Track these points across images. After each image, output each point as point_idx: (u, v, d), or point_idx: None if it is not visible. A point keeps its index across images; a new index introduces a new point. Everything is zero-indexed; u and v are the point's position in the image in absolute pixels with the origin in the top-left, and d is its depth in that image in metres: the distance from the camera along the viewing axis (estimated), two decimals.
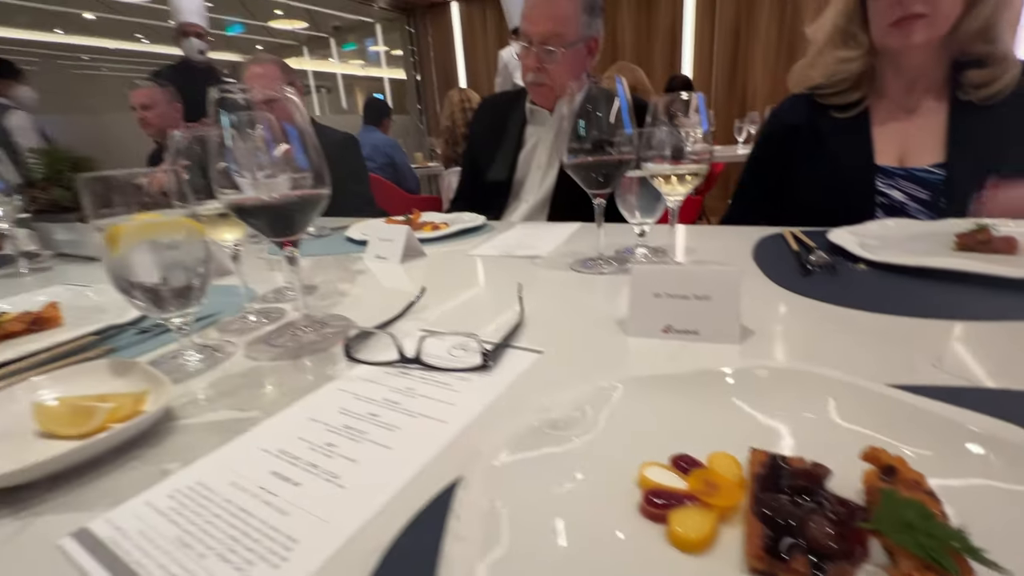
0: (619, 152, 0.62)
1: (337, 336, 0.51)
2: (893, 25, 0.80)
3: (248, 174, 0.47)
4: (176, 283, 0.43)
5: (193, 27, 2.61)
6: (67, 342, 0.51)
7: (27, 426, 0.35)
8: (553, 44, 1.16)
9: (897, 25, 0.79)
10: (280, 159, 0.46)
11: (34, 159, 1.08)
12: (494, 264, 0.76)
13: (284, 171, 0.46)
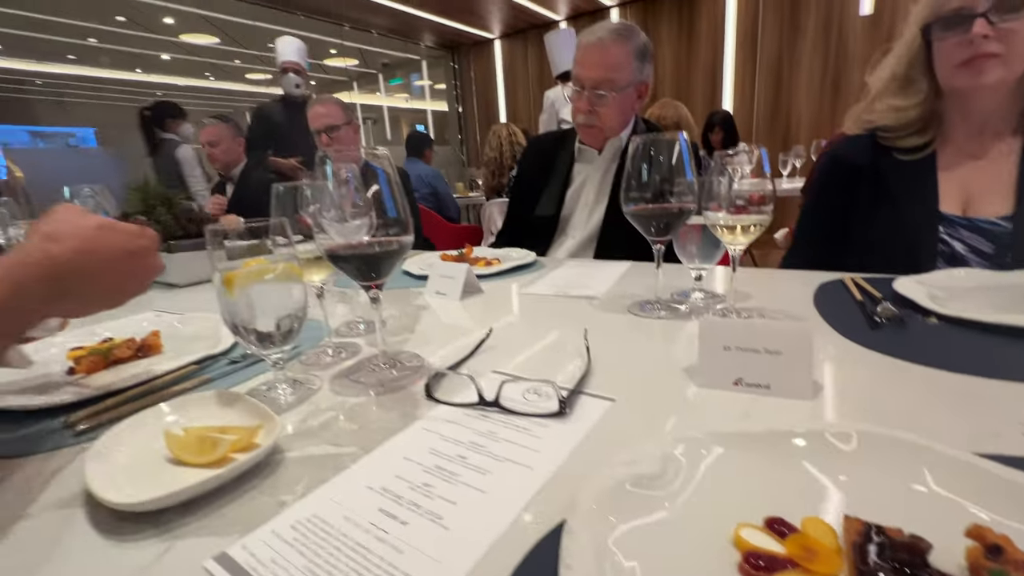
0: (680, 201, 0.65)
1: (414, 375, 0.54)
2: (962, 65, 0.78)
3: (341, 221, 0.52)
4: (279, 324, 0.48)
5: (292, 65, 2.90)
6: (174, 370, 0.56)
7: (158, 451, 0.39)
8: (604, 89, 1.21)
9: (967, 65, 0.77)
10: (372, 208, 0.51)
11: (130, 194, 1.19)
12: (551, 304, 0.79)
13: (375, 220, 0.51)
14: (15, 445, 0.45)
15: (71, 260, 0.42)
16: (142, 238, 0.49)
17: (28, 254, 0.41)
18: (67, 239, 0.43)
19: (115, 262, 0.46)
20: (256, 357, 0.61)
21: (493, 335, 0.64)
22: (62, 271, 0.42)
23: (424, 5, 5.13)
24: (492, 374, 0.52)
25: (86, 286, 0.45)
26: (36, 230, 0.43)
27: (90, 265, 0.44)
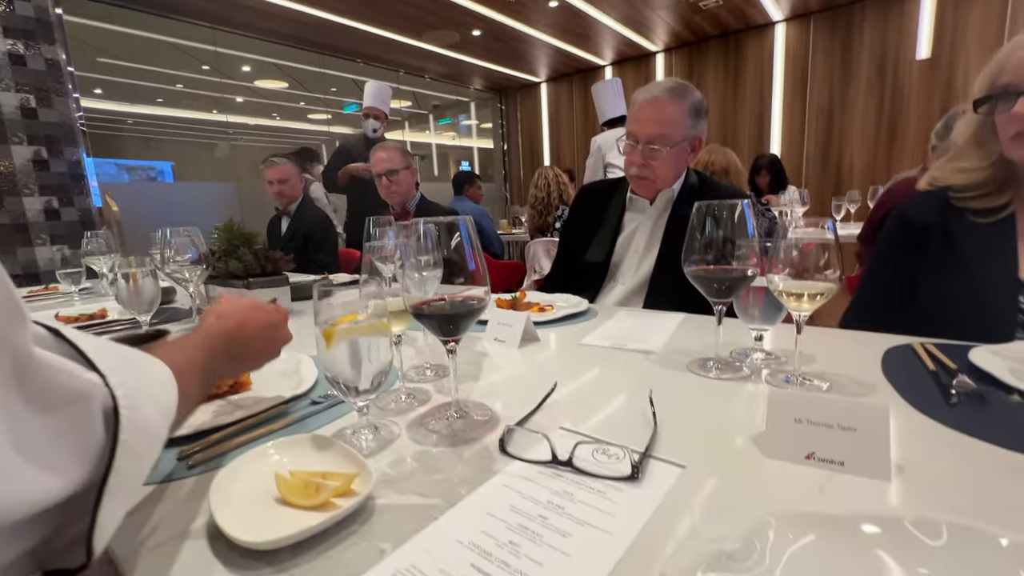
0: (743, 263, 0.66)
1: (485, 426, 0.57)
2: (1013, 138, 0.78)
3: (423, 281, 0.56)
4: (369, 376, 0.52)
5: (373, 110, 3.29)
6: (267, 409, 0.62)
7: (268, 491, 0.43)
8: (658, 144, 1.25)
9: (1017, 139, 0.78)
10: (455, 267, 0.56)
11: (217, 233, 1.31)
12: (608, 357, 0.81)
13: (458, 279, 0.56)
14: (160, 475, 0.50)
15: (236, 330, 0.57)
16: (277, 315, 0.64)
17: (209, 328, 0.56)
18: (232, 316, 0.58)
19: (261, 331, 0.60)
20: (336, 399, 0.66)
21: (555, 388, 0.66)
22: (231, 339, 0.56)
23: (475, 53, 5.43)
24: (561, 431, 0.54)
25: (245, 349, 0.59)
26: (210, 312, 0.59)
27: (246, 333, 0.58)
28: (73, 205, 3.20)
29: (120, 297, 1.09)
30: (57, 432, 0.26)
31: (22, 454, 0.24)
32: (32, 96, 3.01)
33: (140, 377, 0.34)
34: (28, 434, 0.24)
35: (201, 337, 0.54)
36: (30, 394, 0.25)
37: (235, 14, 4.08)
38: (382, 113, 3.33)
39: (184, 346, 0.52)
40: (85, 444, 0.28)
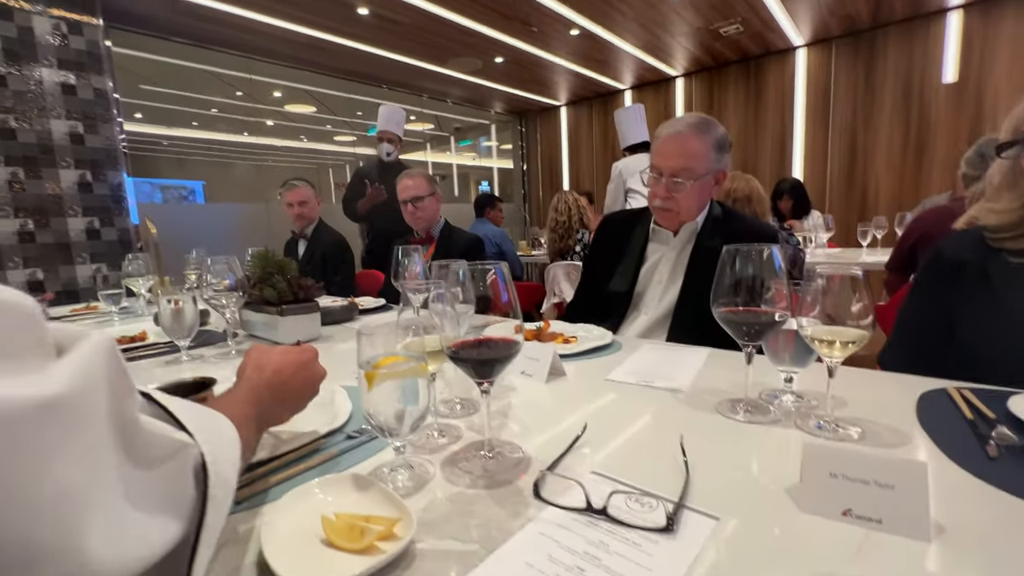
0: (772, 306, 0.67)
1: (517, 468, 0.58)
2: None
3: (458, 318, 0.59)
4: (408, 417, 0.54)
5: (387, 134, 3.36)
6: (305, 445, 0.64)
7: (314, 531, 0.45)
8: (682, 177, 1.27)
9: None
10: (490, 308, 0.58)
11: (252, 259, 1.36)
12: (636, 394, 0.81)
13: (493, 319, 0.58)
14: None
15: (274, 377, 0.60)
16: (307, 353, 0.67)
17: (251, 380, 0.59)
18: (267, 365, 0.62)
19: (297, 372, 0.64)
20: (370, 435, 0.68)
21: (575, 423, 0.67)
22: (273, 387, 0.59)
23: (497, 78, 5.56)
24: (593, 476, 0.55)
25: (287, 393, 0.62)
26: (245, 365, 0.62)
27: (284, 378, 0.62)
28: (113, 225, 3.35)
29: (162, 323, 1.14)
30: (159, 489, 0.29)
31: (137, 510, 0.26)
32: (80, 123, 3.19)
33: (218, 435, 0.36)
34: (138, 493, 0.27)
35: (246, 391, 0.56)
36: (137, 457, 0.27)
37: (269, 44, 4.27)
38: (396, 136, 3.39)
39: (234, 401, 0.54)
40: (181, 500, 0.30)
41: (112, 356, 0.27)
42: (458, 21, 3.96)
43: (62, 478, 0.21)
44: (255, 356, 0.63)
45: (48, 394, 0.21)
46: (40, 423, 0.20)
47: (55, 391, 0.21)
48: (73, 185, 3.17)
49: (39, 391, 0.21)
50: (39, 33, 3.02)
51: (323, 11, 3.69)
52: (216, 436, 0.35)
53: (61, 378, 0.22)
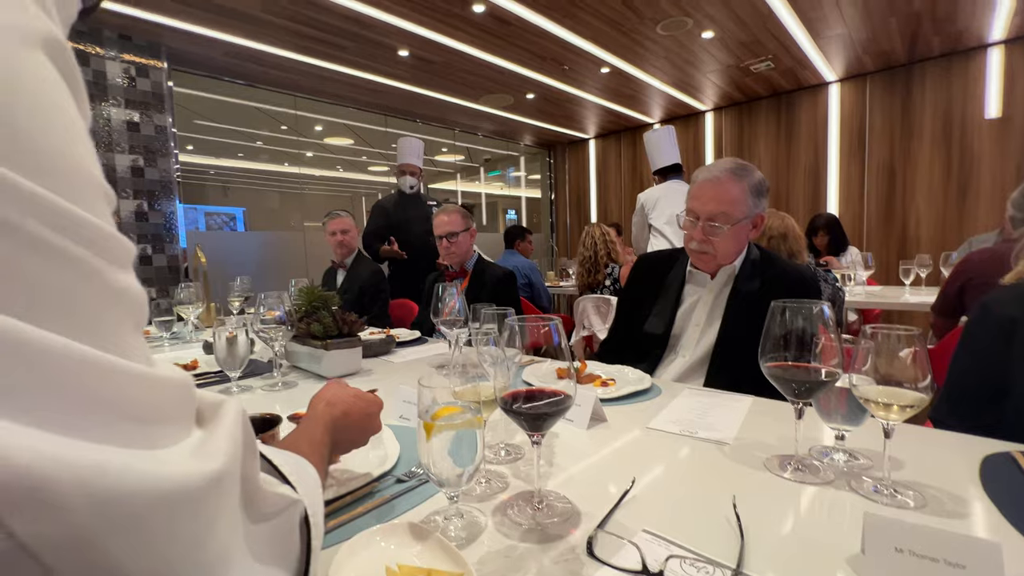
0: (822, 362, 0.66)
1: (567, 521, 0.58)
2: None
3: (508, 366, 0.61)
4: (464, 468, 0.56)
5: (409, 167, 3.41)
6: (361, 487, 0.66)
7: None
8: (719, 221, 1.28)
9: None
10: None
11: (298, 294, 1.43)
12: (680, 446, 0.81)
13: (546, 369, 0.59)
14: None
15: (342, 419, 0.65)
16: (375, 406, 0.72)
17: (323, 416, 0.63)
18: (339, 404, 0.66)
19: (361, 420, 0.68)
20: (421, 479, 0.70)
21: (621, 475, 0.67)
22: (338, 427, 0.63)
23: (527, 112, 5.72)
24: (645, 535, 0.55)
25: (344, 437, 0.66)
26: (319, 399, 0.66)
27: (349, 422, 0.66)
28: (163, 252, 3.54)
29: (217, 355, 1.20)
30: (273, 543, 0.31)
31: (260, 563, 0.28)
32: (141, 157, 3.43)
33: (310, 485, 0.39)
34: (259, 548, 0.29)
35: (322, 429, 0.60)
36: (256, 514, 0.30)
37: (314, 83, 4.53)
38: (417, 168, 3.43)
39: (312, 440, 0.57)
40: (290, 553, 0.33)
41: (247, 423, 0.29)
42: (493, 62, 4.13)
43: (220, 542, 0.24)
44: (331, 390, 0.69)
45: (216, 468, 0.24)
46: (211, 495, 0.23)
47: (220, 466, 0.24)
48: (131, 214, 3.38)
49: (210, 467, 0.24)
50: (111, 76, 3.30)
51: (367, 54, 3.91)
52: (310, 487, 0.37)
53: (221, 453, 0.25)
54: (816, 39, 3.88)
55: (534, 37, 3.70)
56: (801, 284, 1.30)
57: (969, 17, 3.57)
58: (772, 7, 3.34)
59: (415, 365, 1.46)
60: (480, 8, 3.25)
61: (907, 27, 3.69)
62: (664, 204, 3.03)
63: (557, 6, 3.27)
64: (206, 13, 3.17)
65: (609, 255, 3.27)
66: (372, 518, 0.61)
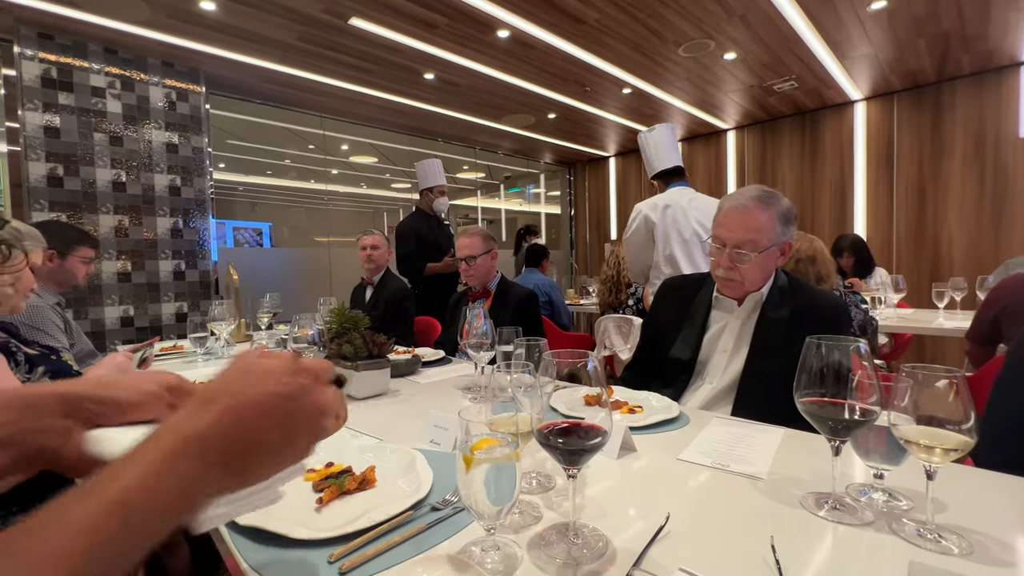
0: (862, 401, 0.66)
1: (603, 557, 0.59)
2: None
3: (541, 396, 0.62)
4: (502, 502, 0.57)
5: (441, 188, 3.54)
6: (399, 514, 0.67)
7: None
8: (746, 249, 1.27)
9: None
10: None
11: (330, 315, 1.47)
12: (712, 479, 0.80)
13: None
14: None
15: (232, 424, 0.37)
16: (298, 375, 0.41)
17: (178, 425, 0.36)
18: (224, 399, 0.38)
19: (282, 420, 0.39)
20: (456, 507, 0.71)
21: (668, 521, 0.67)
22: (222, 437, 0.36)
23: (548, 131, 5.80)
24: (681, 573, 0.55)
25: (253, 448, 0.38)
26: (200, 392, 0.40)
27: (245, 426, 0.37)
28: (196, 267, 3.66)
29: None
30: None
31: None
32: (179, 176, 3.58)
33: None
34: None
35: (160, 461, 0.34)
36: None
37: (342, 105, 4.69)
38: (446, 189, 3.54)
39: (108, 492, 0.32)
40: None
41: None
42: (515, 83, 4.21)
43: None
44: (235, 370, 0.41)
45: None
46: None
47: None
48: (167, 231, 3.52)
49: None
50: (153, 100, 3.47)
51: (394, 77, 4.03)
52: None
53: None
54: (841, 59, 3.86)
55: (557, 60, 3.77)
56: (832, 313, 1.29)
57: (1000, 37, 3.52)
58: (796, 30, 3.34)
59: (441, 386, 1.48)
60: (505, 34, 3.33)
61: (936, 47, 3.65)
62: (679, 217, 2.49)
63: (582, 33, 3.34)
64: (246, 42, 3.33)
65: None
66: (409, 547, 0.62)
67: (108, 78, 3.27)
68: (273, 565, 0.59)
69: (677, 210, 2.51)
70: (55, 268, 1.91)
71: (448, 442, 0.95)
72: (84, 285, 2.32)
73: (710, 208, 2.44)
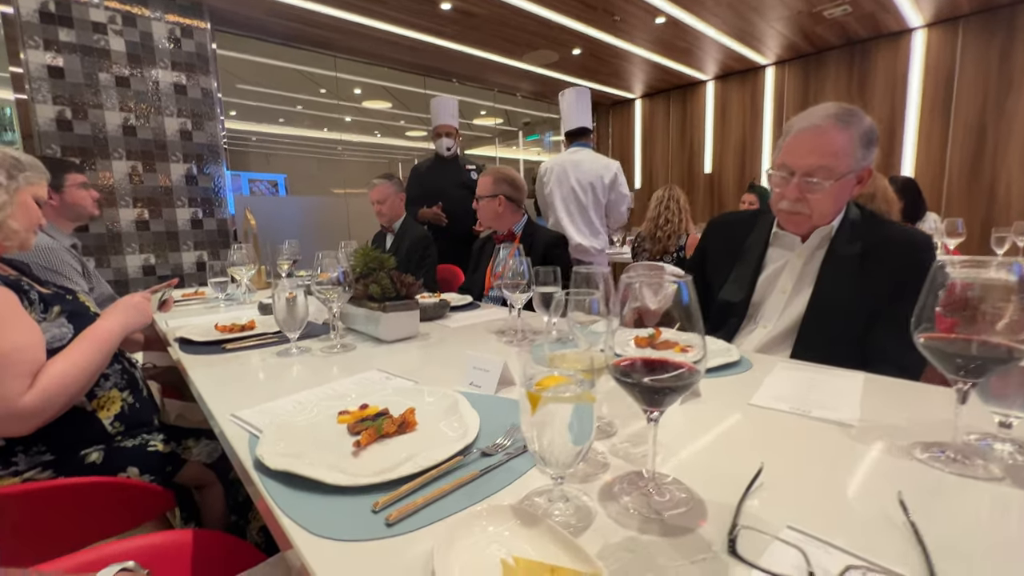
0: (1007, 336, 0.54)
1: (693, 511, 0.50)
2: None
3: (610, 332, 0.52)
4: (576, 446, 0.48)
5: (444, 128, 3.20)
6: (445, 461, 0.60)
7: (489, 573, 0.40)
8: (819, 177, 1.12)
9: None
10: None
11: (354, 256, 1.37)
12: (794, 427, 0.71)
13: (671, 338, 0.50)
14: (340, 527, 0.50)
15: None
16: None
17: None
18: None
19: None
20: (509, 453, 0.63)
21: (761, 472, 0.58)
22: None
23: (571, 71, 5.44)
24: (792, 533, 0.46)
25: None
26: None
27: None
28: (213, 216, 3.60)
29: (277, 316, 1.16)
30: None
31: None
32: (189, 120, 3.45)
33: None
34: None
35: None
36: None
37: (353, 41, 4.42)
38: (454, 129, 3.22)
39: None
40: None
41: None
42: (540, 13, 3.89)
43: None
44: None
45: None
46: None
47: None
48: (181, 178, 3.43)
49: None
50: (156, 38, 3.29)
51: (407, 8, 3.75)
52: None
53: None
54: None
55: None
56: (913, 249, 1.14)
57: None
58: None
59: (472, 330, 1.40)
60: None
61: None
62: (562, 176, 2.84)
63: None
64: None
65: (681, 223, 3.10)
66: (462, 497, 0.54)
67: (108, 12, 3.09)
68: (306, 512, 0.52)
69: (566, 167, 2.87)
70: (58, 204, 1.83)
71: (490, 384, 0.87)
72: (99, 214, 2.24)
73: (592, 167, 2.85)
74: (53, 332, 1.05)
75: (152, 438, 1.14)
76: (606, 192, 2.87)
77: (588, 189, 2.84)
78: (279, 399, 0.85)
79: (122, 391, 1.16)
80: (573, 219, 2.89)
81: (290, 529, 0.49)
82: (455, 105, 3.33)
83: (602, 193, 2.87)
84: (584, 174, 2.83)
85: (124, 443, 1.11)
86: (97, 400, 1.11)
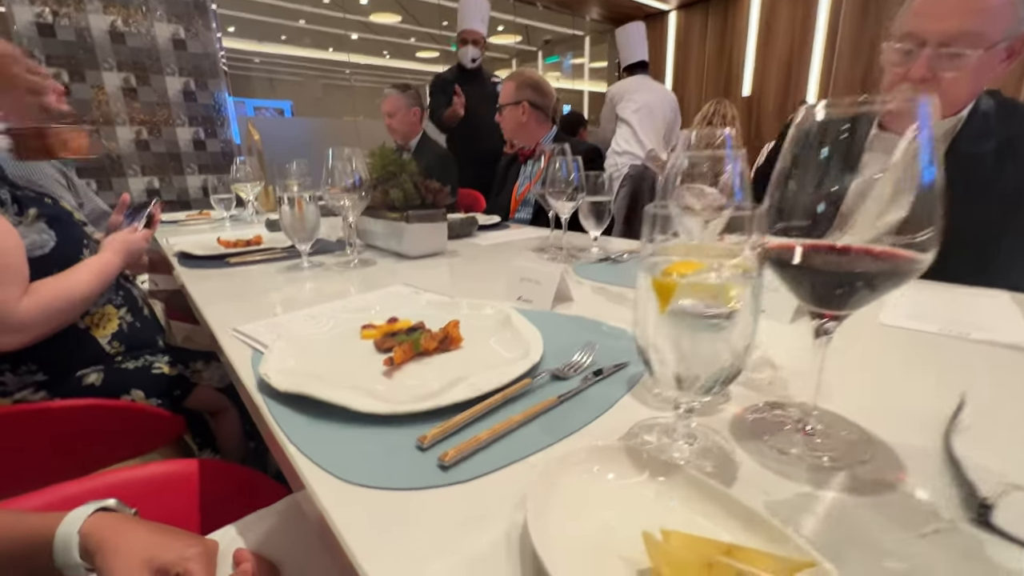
0: None
1: (877, 458, 0.35)
2: None
3: None
4: (725, 355, 0.32)
5: (471, 33, 2.80)
6: (510, 385, 0.44)
7: (611, 548, 0.25)
8: (961, 46, 0.87)
9: None
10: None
11: (371, 159, 1.18)
12: (953, 350, 0.54)
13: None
14: (375, 472, 0.35)
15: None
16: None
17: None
18: None
19: None
20: (590, 378, 0.47)
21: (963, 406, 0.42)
22: None
23: None
24: None
25: None
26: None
27: None
28: (216, 136, 3.37)
29: (283, 223, 1.00)
30: None
31: None
32: (182, 27, 3.13)
33: None
34: None
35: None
36: None
37: None
38: (481, 36, 2.82)
39: None
40: None
41: None
42: None
43: None
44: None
45: None
46: None
47: None
48: (179, 93, 3.17)
49: None
50: None
51: None
52: None
53: None
54: None
55: None
56: None
57: None
58: None
59: (506, 248, 1.22)
60: None
61: None
62: (634, 95, 3.04)
63: None
64: None
65: None
66: (539, 429, 0.40)
67: None
68: (328, 450, 0.38)
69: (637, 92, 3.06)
70: None
71: (544, 299, 0.71)
72: None
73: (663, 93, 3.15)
74: (32, 238, 0.91)
75: (157, 360, 1.03)
76: (676, 114, 3.13)
77: (658, 108, 3.04)
78: (289, 314, 0.70)
79: (118, 308, 1.04)
80: (647, 133, 3.00)
81: (308, 473, 0.35)
82: (486, 7, 2.88)
83: (672, 113, 3.11)
84: (656, 96, 3.04)
85: (125, 364, 1.00)
86: (91, 316, 0.98)
